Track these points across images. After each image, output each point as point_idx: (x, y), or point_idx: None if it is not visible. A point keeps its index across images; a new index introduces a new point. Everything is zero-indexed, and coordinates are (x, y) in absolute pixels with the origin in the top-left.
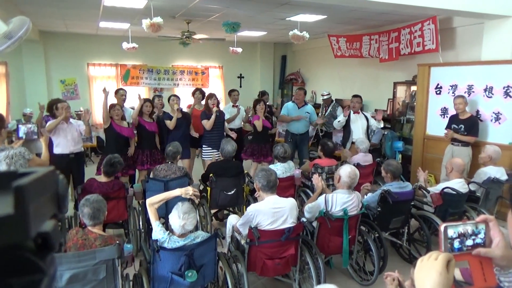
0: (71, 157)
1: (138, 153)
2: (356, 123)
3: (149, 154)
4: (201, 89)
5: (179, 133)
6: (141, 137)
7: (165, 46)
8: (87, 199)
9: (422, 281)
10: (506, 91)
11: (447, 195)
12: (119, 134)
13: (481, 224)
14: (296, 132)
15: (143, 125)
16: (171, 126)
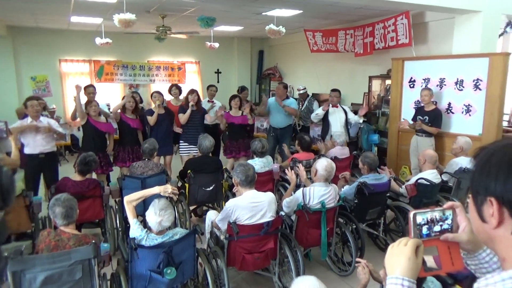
0: (41, 157)
1: (119, 150)
2: (334, 117)
3: (131, 151)
4: (178, 85)
5: (162, 129)
6: (123, 133)
7: (140, 41)
8: (58, 198)
9: (392, 266)
10: (475, 84)
11: (421, 186)
12: (97, 129)
13: (448, 210)
14: (276, 126)
15: (125, 122)
16: (151, 122)
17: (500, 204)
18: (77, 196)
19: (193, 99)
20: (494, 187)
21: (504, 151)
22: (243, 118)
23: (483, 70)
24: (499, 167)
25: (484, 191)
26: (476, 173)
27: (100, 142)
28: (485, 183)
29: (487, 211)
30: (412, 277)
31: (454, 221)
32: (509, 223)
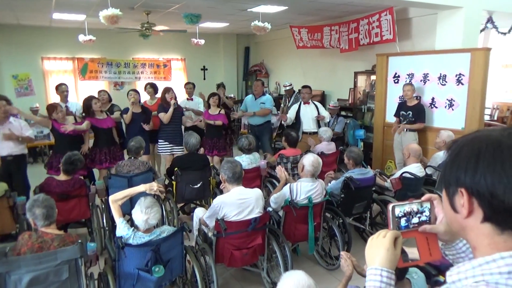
0: (9, 159)
1: (95, 151)
2: (305, 113)
3: (108, 152)
4: (153, 83)
5: (137, 128)
6: (98, 135)
7: (124, 39)
8: (36, 200)
9: (371, 257)
10: (458, 79)
11: (406, 180)
12: (64, 134)
13: (426, 202)
14: (253, 124)
15: (96, 125)
16: (126, 120)
17: (469, 194)
18: (62, 195)
19: (171, 96)
20: (464, 178)
21: (473, 144)
22: (222, 117)
23: (465, 65)
24: (468, 159)
25: (455, 183)
26: (448, 165)
27: (72, 143)
28: (456, 175)
29: (458, 201)
30: (390, 267)
31: (432, 213)
32: (479, 212)
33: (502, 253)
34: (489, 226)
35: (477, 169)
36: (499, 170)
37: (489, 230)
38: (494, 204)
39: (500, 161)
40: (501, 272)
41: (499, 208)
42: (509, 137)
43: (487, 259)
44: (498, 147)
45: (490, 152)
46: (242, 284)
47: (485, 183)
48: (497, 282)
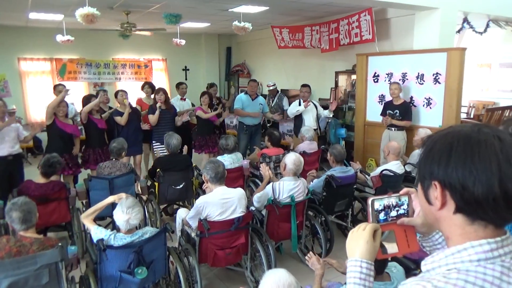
0: (9, 159)
1: (89, 152)
2: (307, 113)
3: (101, 152)
4: (151, 83)
5: (131, 129)
6: (91, 135)
7: (104, 39)
8: (14, 203)
9: (352, 249)
10: (435, 78)
11: (386, 177)
12: (62, 131)
13: (404, 196)
14: (251, 124)
15: (94, 123)
16: (122, 122)
17: (442, 187)
18: (41, 199)
19: (160, 99)
20: (437, 171)
21: (445, 139)
22: (213, 116)
23: (442, 65)
24: (441, 154)
25: (429, 176)
26: (422, 159)
27: (67, 144)
28: (430, 169)
29: (432, 194)
30: (370, 259)
31: (410, 206)
32: (451, 204)
33: (472, 242)
34: (460, 217)
35: (449, 162)
36: (469, 164)
37: (461, 220)
38: (465, 195)
39: (470, 155)
40: (471, 260)
41: (470, 200)
42: (478, 132)
43: (458, 248)
44: (468, 142)
45: (461, 147)
46: (226, 284)
47: (457, 176)
48: (468, 270)
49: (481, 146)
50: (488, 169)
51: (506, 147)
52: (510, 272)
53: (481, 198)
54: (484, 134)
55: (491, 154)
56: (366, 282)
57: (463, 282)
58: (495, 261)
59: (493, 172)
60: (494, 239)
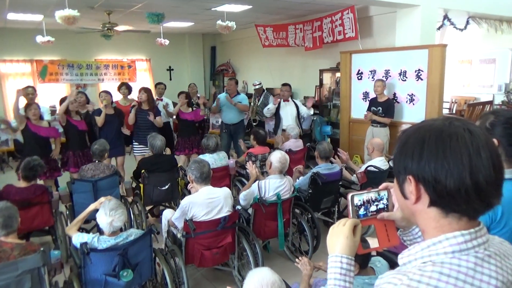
0: None
1: (68, 155)
2: (285, 111)
3: (82, 155)
4: (128, 84)
5: (112, 130)
6: (71, 137)
7: (86, 39)
8: None
9: (332, 245)
10: (417, 74)
11: (371, 173)
12: (36, 135)
13: (383, 191)
14: (229, 122)
15: (73, 124)
16: (99, 123)
17: (416, 181)
18: (23, 203)
19: (140, 98)
20: (411, 166)
21: (418, 133)
22: (195, 114)
23: (424, 61)
24: (414, 148)
25: (403, 170)
26: (397, 154)
27: (43, 147)
28: (404, 163)
29: (407, 188)
30: (350, 254)
31: (389, 201)
32: (425, 198)
33: (447, 235)
34: (435, 210)
35: (422, 157)
36: (441, 157)
37: (435, 213)
38: (438, 189)
39: (441, 148)
40: (446, 252)
41: (442, 193)
42: (450, 126)
43: (433, 241)
44: (440, 135)
45: (433, 141)
46: (213, 284)
47: (429, 170)
48: (443, 262)
49: (452, 139)
50: (459, 162)
51: (476, 140)
52: (484, 263)
53: (453, 190)
54: (455, 127)
55: (462, 147)
56: (346, 277)
57: (438, 274)
58: (469, 252)
59: (464, 164)
60: (468, 230)
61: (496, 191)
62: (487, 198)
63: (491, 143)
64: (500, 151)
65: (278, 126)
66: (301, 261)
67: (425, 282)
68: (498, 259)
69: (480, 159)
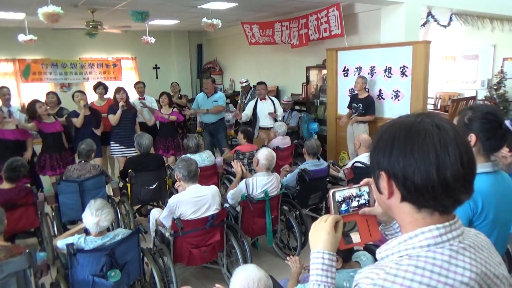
0: None
1: (45, 157)
2: (262, 109)
3: (59, 157)
4: (104, 84)
5: (88, 131)
6: (46, 140)
7: (70, 38)
8: None
9: (315, 241)
10: (402, 71)
11: (357, 169)
12: (2, 139)
13: (364, 186)
14: (208, 122)
15: (43, 129)
16: (78, 124)
17: (388, 177)
18: (7, 205)
19: (121, 97)
20: (383, 161)
21: (390, 129)
22: (176, 114)
23: (408, 58)
24: (385, 144)
25: (377, 166)
26: (372, 149)
27: (14, 151)
28: (377, 159)
29: (382, 184)
30: (331, 250)
31: (370, 196)
32: (397, 193)
33: (422, 228)
34: (407, 205)
35: (392, 153)
36: (409, 153)
37: (409, 208)
38: (406, 184)
39: (410, 145)
40: (421, 245)
41: (411, 188)
42: (419, 122)
43: (410, 235)
44: (409, 132)
45: (402, 137)
46: (202, 282)
47: (399, 166)
48: (418, 255)
49: (420, 136)
50: (426, 159)
51: (444, 136)
52: (458, 255)
53: (421, 186)
54: (425, 124)
55: (429, 143)
56: (328, 272)
57: (413, 268)
58: (444, 245)
59: (431, 161)
60: (443, 224)
61: (464, 187)
62: (454, 194)
63: (461, 139)
64: (478, 146)
65: (255, 126)
66: (291, 259)
67: (401, 276)
68: (472, 251)
69: (447, 156)
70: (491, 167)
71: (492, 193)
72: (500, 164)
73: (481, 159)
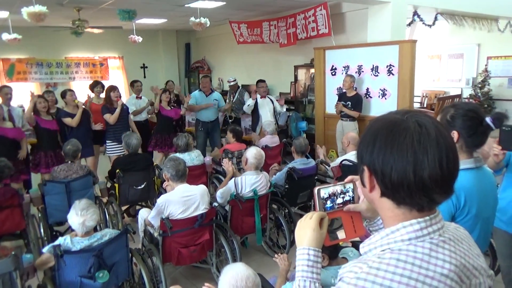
0: None
1: (40, 155)
2: (264, 108)
3: (54, 155)
4: (101, 82)
5: (82, 130)
6: (42, 137)
7: (55, 37)
8: None
9: (300, 238)
10: (389, 70)
11: (345, 167)
12: (2, 137)
13: (349, 183)
14: (207, 120)
15: (41, 125)
16: (74, 124)
17: (370, 172)
18: None
19: (117, 96)
20: (365, 156)
21: (375, 126)
22: (176, 112)
23: (395, 57)
24: (369, 139)
25: (360, 160)
26: (359, 143)
27: (9, 149)
28: (361, 153)
29: (365, 178)
30: (317, 246)
31: (355, 193)
32: (378, 188)
33: (404, 223)
34: (387, 200)
35: (374, 148)
36: (389, 151)
37: (389, 204)
38: (384, 181)
39: (390, 142)
40: (403, 239)
41: (388, 185)
42: (403, 121)
43: (392, 229)
44: (391, 130)
45: (384, 134)
46: (192, 282)
47: (379, 162)
48: (400, 249)
49: (401, 135)
50: (404, 157)
51: (425, 137)
52: (439, 248)
53: (397, 184)
54: (408, 123)
55: (409, 143)
56: (313, 268)
57: (395, 261)
58: (425, 239)
59: (409, 160)
60: (423, 218)
61: (441, 189)
62: (430, 194)
63: (444, 140)
64: (460, 143)
65: (257, 123)
66: (279, 257)
67: (384, 269)
68: (452, 244)
69: (425, 156)
70: (474, 163)
71: (474, 189)
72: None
73: (464, 156)
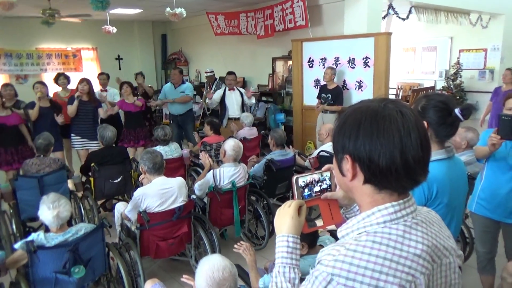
0: None
1: (0, 152)
2: (231, 99)
3: (15, 152)
4: (65, 74)
5: (47, 124)
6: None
7: (25, 27)
8: None
9: (279, 226)
10: (365, 62)
11: (323, 158)
12: None
13: (326, 172)
14: (176, 113)
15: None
16: (33, 117)
17: (353, 160)
18: None
19: (82, 89)
20: (348, 145)
21: (355, 114)
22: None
23: (370, 49)
24: (351, 129)
25: (341, 149)
26: (336, 133)
27: None
28: (342, 143)
29: (345, 166)
30: (295, 233)
31: (332, 181)
32: (361, 175)
33: (379, 207)
34: (369, 186)
35: (358, 137)
36: (375, 138)
37: (370, 190)
38: (371, 167)
39: (375, 130)
40: (378, 222)
41: (375, 171)
42: (384, 108)
43: (368, 213)
44: (375, 117)
45: (368, 122)
46: (171, 274)
47: (364, 150)
48: (375, 231)
49: (385, 121)
50: (391, 143)
51: (407, 122)
52: (412, 230)
53: (385, 169)
54: (389, 110)
55: (394, 128)
56: (293, 255)
57: (370, 243)
58: (399, 221)
59: (395, 145)
60: (397, 202)
61: (422, 170)
62: (414, 176)
63: (421, 124)
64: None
65: (224, 116)
66: (241, 247)
67: (360, 251)
68: (424, 226)
69: (410, 140)
70: (445, 154)
71: (446, 179)
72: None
73: (436, 147)
